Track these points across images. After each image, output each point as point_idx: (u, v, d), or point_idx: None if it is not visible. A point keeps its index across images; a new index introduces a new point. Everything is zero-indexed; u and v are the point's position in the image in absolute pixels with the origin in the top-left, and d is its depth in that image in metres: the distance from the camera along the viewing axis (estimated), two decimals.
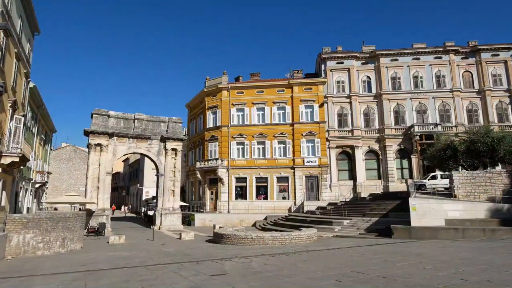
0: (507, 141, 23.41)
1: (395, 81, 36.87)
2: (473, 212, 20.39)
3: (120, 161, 54.35)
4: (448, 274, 8.14)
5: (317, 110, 37.06)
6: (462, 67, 36.26)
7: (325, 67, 38.26)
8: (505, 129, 32.03)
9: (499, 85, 35.03)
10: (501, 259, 10.38)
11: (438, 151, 26.00)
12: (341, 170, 36.53)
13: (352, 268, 9.27)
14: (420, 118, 35.61)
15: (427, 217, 20.28)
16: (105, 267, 10.55)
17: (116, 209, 60.18)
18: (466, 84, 35.97)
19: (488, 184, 22.10)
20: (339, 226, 23.45)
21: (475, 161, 24.47)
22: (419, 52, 36.96)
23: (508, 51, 35.38)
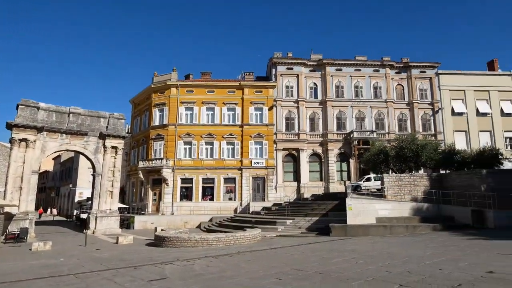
0: (429, 148, 26.43)
1: (339, 89, 39.31)
2: (400, 210, 22.72)
3: (49, 158, 50.08)
4: (376, 268, 9.14)
5: (267, 113, 38.17)
6: (395, 80, 39.82)
7: (275, 71, 39.53)
8: (428, 137, 35.87)
9: (424, 98, 39.09)
10: (419, 252, 11.90)
11: (373, 156, 28.41)
12: (286, 171, 38.00)
13: (292, 266, 9.81)
14: (359, 125, 38.39)
15: (361, 215, 22.14)
16: (26, 277, 9.63)
17: (44, 212, 55.03)
18: (398, 96, 39.55)
19: (412, 186, 24.78)
20: (282, 226, 24.49)
21: (402, 165, 27.21)
22: (360, 64, 39.82)
23: (433, 69, 39.64)
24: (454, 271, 8.06)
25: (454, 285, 6.68)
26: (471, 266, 8.67)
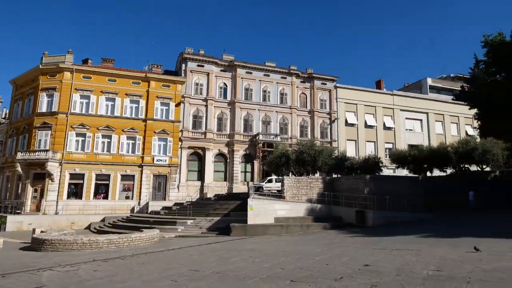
0: (325, 154, 28.86)
1: (248, 92, 40.23)
2: (296, 211, 24.21)
3: None
4: (271, 265, 9.42)
5: (173, 109, 36.81)
6: (300, 89, 42.59)
7: (185, 67, 38.45)
8: (325, 144, 39.25)
9: (324, 108, 42.73)
10: (310, 249, 12.73)
11: (276, 158, 29.77)
12: (190, 170, 37.22)
13: (190, 267, 9.52)
14: (265, 128, 39.90)
15: (261, 215, 22.89)
16: None
17: None
18: (301, 104, 42.37)
19: (308, 188, 26.69)
20: (182, 226, 23.83)
21: (301, 169, 29.15)
22: (269, 70, 41.47)
23: (332, 82, 43.65)
24: (338, 266, 8.74)
25: (336, 278, 7.21)
26: (352, 260, 9.53)
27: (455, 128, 48.19)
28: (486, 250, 10.00)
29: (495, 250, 10.12)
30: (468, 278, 6.63)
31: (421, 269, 7.74)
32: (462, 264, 8.11)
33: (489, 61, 24.88)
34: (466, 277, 6.71)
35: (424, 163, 31.30)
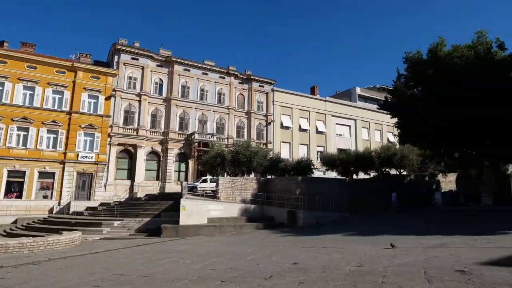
0: (260, 155, 29.41)
1: (185, 90, 39.28)
2: (230, 211, 24.24)
3: None
4: (202, 266, 9.27)
5: (103, 102, 34.40)
6: (238, 90, 42.84)
7: (118, 59, 36.22)
8: (260, 145, 40.03)
9: (261, 110, 43.55)
10: (242, 249, 12.81)
11: (211, 158, 29.50)
12: (120, 168, 35.15)
13: (115, 271, 9.03)
14: (201, 127, 39.32)
15: (194, 216, 22.48)
16: None
17: None
18: (239, 104, 42.65)
19: (243, 188, 26.94)
20: (108, 228, 22.39)
21: (236, 169, 29.32)
22: (208, 69, 40.99)
23: (270, 85, 44.69)
24: (268, 265, 8.91)
25: (266, 277, 7.33)
26: (282, 259, 9.79)
27: (378, 135, 52.60)
28: (400, 246, 11.01)
29: (407, 246, 11.18)
30: (384, 272, 7.20)
31: (345, 265, 8.22)
32: (380, 259, 8.80)
33: (409, 76, 27.53)
34: (382, 271, 7.29)
35: (351, 166, 33.66)
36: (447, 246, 10.80)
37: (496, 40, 24.39)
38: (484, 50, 23.35)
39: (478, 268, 7.32)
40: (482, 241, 11.45)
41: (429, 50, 25.85)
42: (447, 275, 6.75)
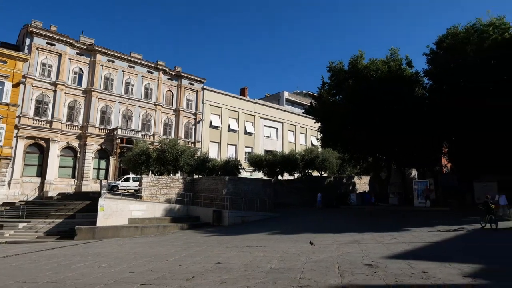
0: (187, 154, 28.80)
1: (108, 82, 36.66)
2: (154, 211, 23.31)
3: None
4: (120, 269, 8.76)
5: (10, 90, 30.26)
6: (167, 86, 41.41)
7: (31, 42, 32.25)
8: (188, 144, 39.20)
9: (190, 108, 42.71)
10: (165, 250, 12.40)
11: (135, 156, 27.99)
12: (28, 164, 31.36)
13: (17, 278, 8.14)
14: (125, 123, 37.07)
15: (114, 217, 21.12)
16: None
17: None
18: (167, 101, 41.26)
19: (168, 188, 26.13)
20: (11, 231, 19.90)
21: (162, 168, 28.27)
22: (135, 62, 38.82)
23: (200, 84, 44.11)
24: (191, 265, 8.77)
25: (188, 277, 7.21)
26: (205, 259, 9.73)
27: (303, 138, 55.36)
28: (319, 243, 11.73)
29: (325, 243, 11.96)
30: (302, 268, 7.61)
31: (266, 263, 8.48)
32: (299, 257, 9.27)
33: (332, 84, 29.56)
34: (301, 268, 7.69)
35: (277, 167, 34.87)
36: (359, 242, 11.82)
37: (405, 58, 27.52)
38: (396, 66, 26.15)
39: (383, 262, 8.16)
40: (387, 237, 12.77)
41: (350, 62, 28.08)
42: (357, 269, 7.39)
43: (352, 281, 6.34)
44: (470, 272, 6.86)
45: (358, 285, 6.06)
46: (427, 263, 7.85)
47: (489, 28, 22.33)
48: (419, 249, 10.10)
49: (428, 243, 11.20)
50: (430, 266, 7.48)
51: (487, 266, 7.52)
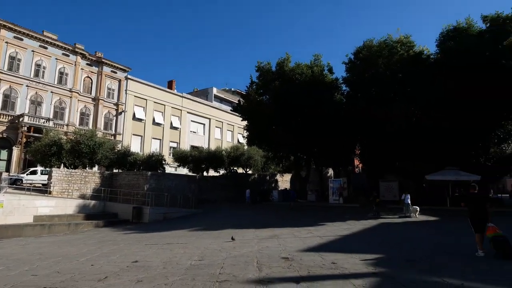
0: (106, 147, 26.92)
1: (14, 62, 32.30)
2: (65, 208, 21.33)
3: None
4: (20, 272, 7.88)
5: None
6: (85, 72, 38.05)
7: None
8: (108, 136, 36.64)
9: (111, 98, 39.90)
10: (76, 250, 11.44)
11: (44, 147, 25.20)
12: None
13: None
14: (34, 109, 33.11)
15: (16, 214, 18.84)
16: None
17: None
18: (85, 88, 37.94)
19: (83, 182, 24.15)
20: None
21: (76, 161, 25.94)
22: (48, 42, 34.83)
23: (124, 72, 41.47)
24: (105, 265, 8.26)
25: (101, 278, 6.79)
26: (121, 258, 9.24)
27: (230, 135, 55.74)
28: (240, 239, 11.97)
29: (246, 238, 12.25)
30: (222, 264, 7.70)
31: (187, 260, 8.39)
32: (220, 252, 9.36)
33: (259, 84, 30.29)
34: (221, 263, 7.77)
35: (203, 163, 34.56)
36: (278, 237, 12.36)
37: (327, 65, 29.46)
38: (319, 72, 27.84)
39: (299, 255, 8.67)
40: (304, 232, 13.58)
41: (277, 63, 29.11)
42: (275, 262, 7.73)
43: (269, 274, 6.62)
44: (372, 262, 7.67)
45: (274, 278, 6.36)
46: (337, 254, 8.56)
47: (397, 45, 25.06)
48: (331, 242, 10.94)
49: (339, 236, 12.20)
50: (339, 257, 8.17)
51: (386, 255, 8.48)
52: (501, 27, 21.68)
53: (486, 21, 23.00)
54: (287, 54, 29.15)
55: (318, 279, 6.24)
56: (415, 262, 7.57)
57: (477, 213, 8.32)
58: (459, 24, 23.76)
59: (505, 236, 7.90)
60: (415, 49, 25.15)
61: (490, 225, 8.04)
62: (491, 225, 8.03)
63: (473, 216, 8.37)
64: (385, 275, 6.49)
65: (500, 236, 7.86)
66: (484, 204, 8.37)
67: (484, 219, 8.15)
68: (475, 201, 8.51)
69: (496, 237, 7.85)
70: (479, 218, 8.24)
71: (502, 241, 7.76)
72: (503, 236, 7.88)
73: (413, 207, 17.92)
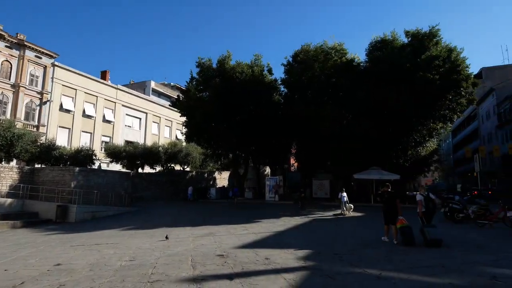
0: (26, 139, 24.42)
1: None
2: None
3: None
4: None
5: None
6: (3, 54, 33.94)
7: None
8: (29, 127, 33.23)
9: (34, 85, 36.17)
10: None
11: None
12: None
13: None
14: None
15: None
16: None
17: None
18: (4, 73, 33.85)
19: None
20: None
21: None
22: None
23: (50, 59, 37.85)
24: (22, 269, 7.54)
25: (16, 284, 6.19)
26: (41, 261, 8.49)
27: (168, 131, 54.04)
28: (175, 237, 11.74)
29: (181, 237, 12.04)
30: (155, 263, 7.49)
31: (116, 261, 8.00)
32: (153, 252, 9.09)
33: (200, 80, 29.83)
34: (154, 263, 7.56)
35: (138, 159, 33.08)
36: (214, 234, 12.36)
37: (267, 65, 30.09)
38: (259, 71, 28.32)
39: (234, 252, 8.78)
40: (240, 229, 13.76)
41: (218, 61, 28.99)
42: (209, 260, 7.74)
43: (203, 272, 6.61)
44: (303, 256, 8.07)
45: (208, 275, 6.37)
46: (270, 250, 8.84)
47: (332, 51, 26.55)
48: (265, 239, 11.26)
49: (274, 232, 12.60)
50: (273, 253, 8.45)
51: (316, 250, 8.98)
52: (420, 42, 24.18)
53: (408, 36, 25.45)
54: (228, 52, 29.19)
55: (252, 275, 6.40)
56: (341, 255, 8.13)
57: (388, 207, 9.85)
58: (386, 36, 25.96)
59: (410, 226, 9.41)
60: (347, 56, 26.87)
61: (400, 217, 9.54)
62: (400, 218, 9.53)
63: (385, 209, 9.93)
64: (314, 268, 6.89)
65: (406, 227, 9.40)
66: (394, 200, 9.88)
67: (394, 212, 9.67)
68: (387, 198, 10.03)
69: (403, 227, 9.41)
70: (389, 212, 9.79)
71: (407, 231, 9.34)
72: (408, 226, 9.41)
73: (348, 204, 19.08)
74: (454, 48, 24.14)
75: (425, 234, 9.13)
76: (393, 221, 9.65)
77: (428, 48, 23.92)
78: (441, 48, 23.92)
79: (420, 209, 9.94)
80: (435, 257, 7.74)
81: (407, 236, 9.27)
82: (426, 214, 9.86)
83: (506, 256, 7.93)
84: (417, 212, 10.09)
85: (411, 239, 9.24)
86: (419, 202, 10.02)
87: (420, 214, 9.92)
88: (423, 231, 9.29)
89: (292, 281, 5.94)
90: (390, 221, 9.76)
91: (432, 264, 7.08)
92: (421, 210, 9.90)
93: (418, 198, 10.19)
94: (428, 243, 8.99)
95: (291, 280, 5.95)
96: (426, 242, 9.04)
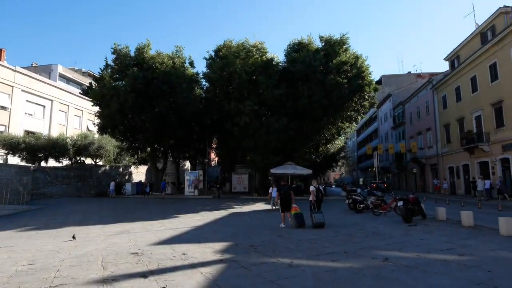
0: None
1: None
2: None
3: None
4: None
5: None
6: None
7: None
8: None
9: None
10: None
11: None
12: None
13: None
14: None
15: None
16: None
17: None
18: None
19: None
20: None
21: None
22: None
23: None
24: None
25: None
26: None
27: (78, 121, 49.24)
28: (84, 236, 10.95)
29: (91, 236, 11.27)
30: (59, 266, 6.92)
31: (11, 265, 7.18)
32: (57, 253, 8.36)
33: (115, 68, 27.85)
34: (57, 265, 6.97)
35: (40, 152, 29.69)
36: (128, 232, 11.83)
37: (189, 58, 29.56)
38: (180, 64, 27.66)
39: (150, 249, 8.56)
40: (157, 225, 13.41)
41: (137, 49, 27.51)
42: (122, 259, 7.43)
43: (115, 272, 6.34)
44: (220, 250, 8.25)
45: (120, 275, 6.14)
46: (188, 245, 8.84)
47: (253, 49, 27.24)
48: (183, 234, 11.18)
49: (192, 227, 12.57)
50: (190, 248, 8.47)
51: (234, 242, 9.26)
52: (332, 48, 26.30)
53: (322, 41, 27.47)
54: (147, 41, 27.90)
55: (168, 271, 6.35)
56: (257, 247, 8.52)
57: (284, 198, 12.04)
58: (303, 40, 27.61)
59: (301, 213, 11.79)
60: (267, 55, 27.86)
61: (294, 205, 11.95)
62: (294, 206, 11.95)
63: (282, 199, 12.12)
64: (231, 261, 7.11)
65: (298, 213, 11.73)
66: (289, 192, 12.15)
67: (288, 201, 11.96)
68: (284, 190, 12.31)
69: (296, 214, 11.75)
70: (285, 201, 12.01)
71: (299, 216, 11.69)
72: (300, 213, 11.77)
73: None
74: (360, 56, 26.83)
75: (313, 219, 11.44)
76: (288, 209, 11.96)
77: (339, 53, 26.14)
78: (349, 54, 26.36)
79: (312, 197, 12.48)
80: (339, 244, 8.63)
81: (299, 220, 11.59)
82: (316, 201, 12.45)
83: (396, 241, 9.20)
84: (310, 200, 12.67)
85: (303, 222, 11.58)
86: (312, 192, 12.57)
87: (313, 201, 12.46)
88: (312, 216, 11.59)
89: (208, 274, 6.06)
90: (286, 209, 12.02)
91: (336, 251, 7.88)
92: (313, 198, 12.44)
93: (311, 189, 12.73)
94: (315, 225, 11.36)
95: (208, 274, 6.07)
96: (314, 225, 11.40)
